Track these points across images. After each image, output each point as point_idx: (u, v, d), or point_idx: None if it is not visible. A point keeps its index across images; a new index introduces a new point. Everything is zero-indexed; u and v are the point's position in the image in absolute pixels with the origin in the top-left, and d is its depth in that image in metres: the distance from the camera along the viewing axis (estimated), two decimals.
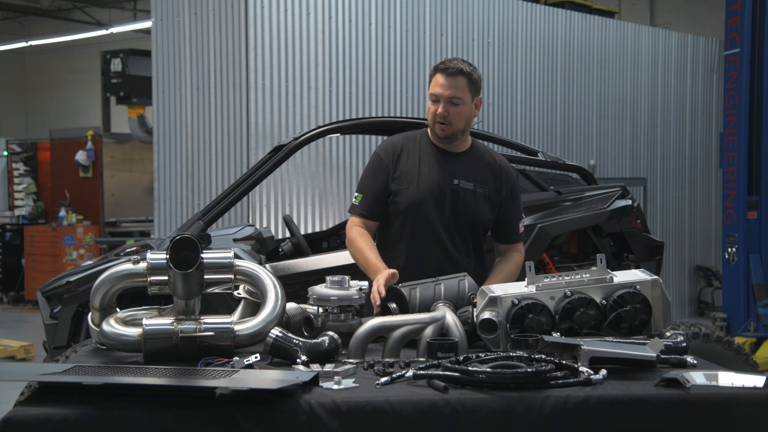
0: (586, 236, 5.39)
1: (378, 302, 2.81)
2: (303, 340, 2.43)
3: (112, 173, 11.78)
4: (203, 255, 2.44)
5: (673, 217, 10.34)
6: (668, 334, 2.55)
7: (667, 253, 9.58)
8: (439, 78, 3.15)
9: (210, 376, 2.12)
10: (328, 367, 2.27)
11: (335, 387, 2.10)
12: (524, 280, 2.61)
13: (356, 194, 3.29)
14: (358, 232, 3.21)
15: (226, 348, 2.43)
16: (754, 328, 7.72)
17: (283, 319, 2.60)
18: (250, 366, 2.32)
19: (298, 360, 2.34)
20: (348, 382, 2.14)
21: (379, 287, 2.83)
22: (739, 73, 7.93)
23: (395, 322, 2.53)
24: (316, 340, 2.44)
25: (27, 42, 18.61)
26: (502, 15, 8.48)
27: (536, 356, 2.18)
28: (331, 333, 2.48)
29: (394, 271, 2.88)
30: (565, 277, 2.59)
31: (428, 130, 3.31)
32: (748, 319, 7.77)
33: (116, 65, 11.09)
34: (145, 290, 2.55)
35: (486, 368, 2.13)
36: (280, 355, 2.41)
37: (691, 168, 10.55)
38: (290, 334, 2.45)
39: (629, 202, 5.44)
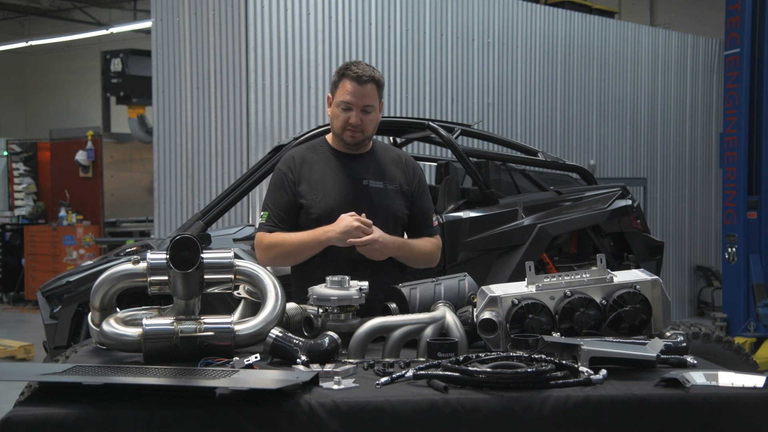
0: (586, 236, 5.40)
1: (362, 228, 2.92)
2: (303, 340, 2.43)
3: (112, 173, 11.78)
4: (203, 255, 2.44)
5: (673, 217, 10.34)
6: (668, 334, 2.55)
7: (667, 253, 9.58)
8: (350, 85, 3.06)
9: (210, 376, 2.12)
10: (328, 367, 2.27)
11: (335, 387, 2.10)
12: (524, 280, 2.61)
13: (262, 213, 3.17)
14: (270, 237, 3.10)
15: (226, 348, 2.43)
16: (754, 328, 7.72)
17: (283, 319, 2.60)
18: (250, 366, 2.32)
19: (298, 360, 2.34)
20: (348, 382, 2.14)
21: (355, 219, 2.95)
22: (739, 73, 7.93)
23: (395, 322, 2.53)
24: (316, 340, 2.44)
25: (27, 42, 18.61)
26: (502, 15, 8.48)
27: (536, 356, 2.18)
28: (331, 333, 2.48)
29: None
30: (565, 277, 2.58)
31: (327, 136, 3.25)
32: (748, 319, 7.77)
33: (116, 65, 11.10)
34: (145, 290, 2.55)
35: (486, 368, 2.13)
36: (280, 355, 2.41)
37: (691, 168, 10.55)
38: (290, 334, 2.45)
39: (629, 202, 5.44)
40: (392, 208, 3.18)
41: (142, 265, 2.53)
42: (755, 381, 2.15)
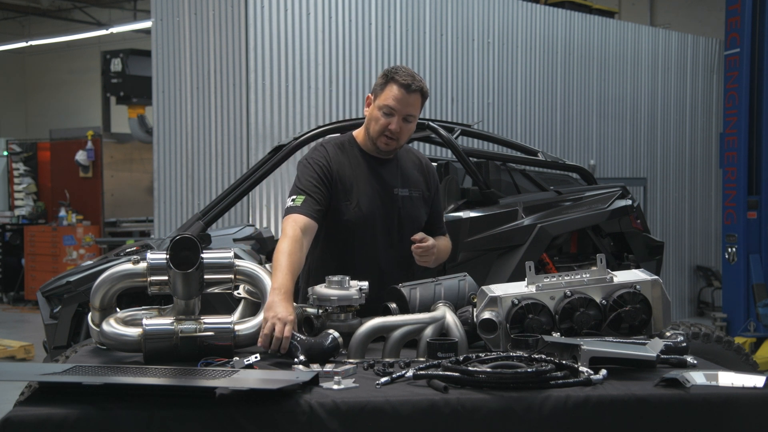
0: (586, 236, 5.40)
1: (275, 336, 2.41)
2: (304, 338, 2.43)
3: (112, 173, 11.78)
4: (203, 255, 2.44)
5: (673, 217, 10.34)
6: (668, 334, 2.55)
7: (667, 253, 9.58)
8: (397, 91, 2.98)
9: (210, 376, 2.12)
10: (328, 367, 2.27)
11: (335, 387, 2.10)
12: (524, 280, 2.61)
13: (294, 197, 2.96)
14: (293, 233, 2.83)
15: (226, 348, 2.43)
16: (754, 328, 7.72)
17: None
18: (250, 366, 2.32)
19: (296, 359, 2.34)
20: (348, 382, 2.14)
21: (285, 325, 2.44)
22: (739, 73, 7.93)
23: (395, 322, 2.53)
24: (317, 339, 2.44)
25: (27, 42, 18.61)
26: (502, 15, 8.48)
27: (536, 356, 2.18)
28: (332, 331, 2.48)
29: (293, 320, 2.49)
30: (565, 277, 2.58)
31: (356, 134, 3.18)
32: (748, 319, 7.77)
33: (116, 65, 11.10)
34: (145, 290, 2.55)
35: (486, 368, 2.13)
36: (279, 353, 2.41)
37: (691, 168, 10.55)
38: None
39: (629, 202, 5.44)
40: (417, 216, 3.17)
41: (142, 265, 2.53)
42: (755, 381, 2.15)
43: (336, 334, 2.47)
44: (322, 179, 3.02)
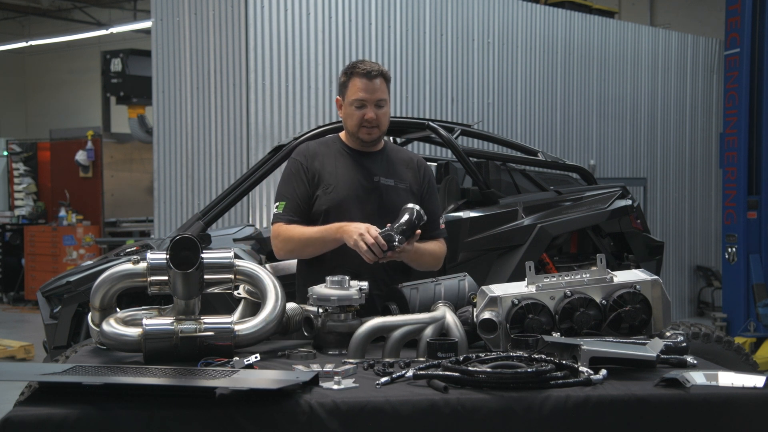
0: (586, 236, 5.39)
1: (371, 244, 2.84)
2: (387, 229, 2.86)
3: (112, 173, 11.78)
4: (203, 255, 2.44)
5: (673, 217, 10.34)
6: (668, 334, 2.55)
7: (667, 253, 9.58)
8: (360, 82, 3.08)
9: (210, 376, 2.12)
10: (328, 367, 2.28)
11: (335, 387, 2.10)
12: (524, 280, 2.61)
13: (277, 204, 3.16)
14: (287, 230, 3.10)
15: (226, 348, 2.44)
16: (754, 328, 7.72)
17: (283, 319, 2.60)
18: (250, 366, 2.32)
19: (396, 243, 2.81)
20: (348, 382, 2.14)
21: (369, 231, 2.86)
22: (739, 73, 7.93)
23: (395, 322, 2.53)
24: (400, 221, 2.88)
25: (27, 42, 18.62)
26: (502, 15, 8.48)
27: (536, 356, 2.18)
28: (411, 205, 2.93)
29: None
30: (565, 277, 2.58)
31: (341, 134, 3.26)
32: (748, 319, 7.77)
33: (116, 65, 11.10)
34: (145, 290, 2.55)
35: (486, 368, 2.13)
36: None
37: (691, 168, 10.55)
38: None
39: (629, 202, 5.44)
40: (401, 206, 3.17)
41: (142, 265, 2.53)
42: (755, 381, 2.16)
43: (417, 207, 2.92)
44: (298, 177, 3.16)
